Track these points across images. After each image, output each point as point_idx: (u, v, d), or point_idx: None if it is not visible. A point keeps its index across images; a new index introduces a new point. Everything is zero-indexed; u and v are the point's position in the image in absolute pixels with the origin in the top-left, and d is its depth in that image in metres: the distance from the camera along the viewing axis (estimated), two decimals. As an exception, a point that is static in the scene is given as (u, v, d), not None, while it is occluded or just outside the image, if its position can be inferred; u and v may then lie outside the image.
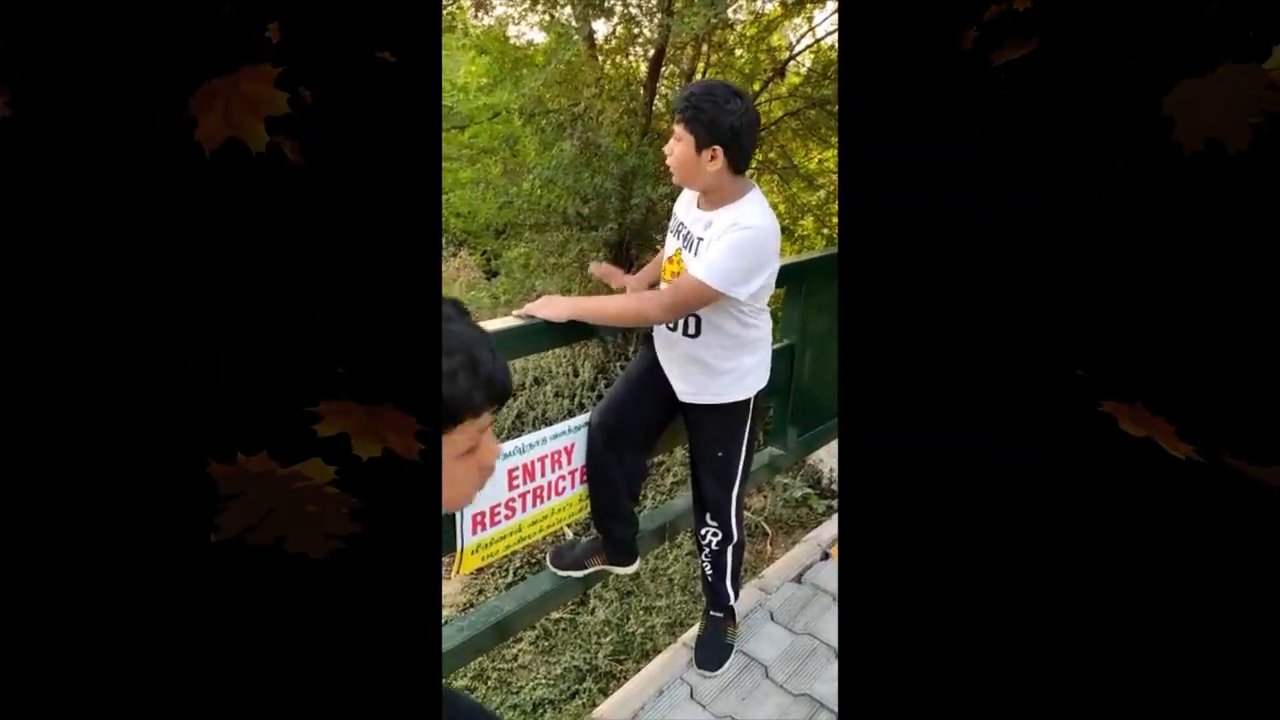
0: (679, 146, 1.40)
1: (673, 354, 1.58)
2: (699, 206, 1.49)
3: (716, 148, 1.36)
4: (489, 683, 2.49)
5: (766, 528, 3.14)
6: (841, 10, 0.64)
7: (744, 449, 1.64)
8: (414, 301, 0.68)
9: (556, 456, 1.61)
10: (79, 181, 0.66)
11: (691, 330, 1.52)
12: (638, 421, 1.66)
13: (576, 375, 4.93)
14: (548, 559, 1.81)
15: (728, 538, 1.74)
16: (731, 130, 1.34)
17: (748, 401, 1.59)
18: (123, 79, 0.65)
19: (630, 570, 1.81)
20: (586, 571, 1.77)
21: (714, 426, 1.61)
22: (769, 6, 5.19)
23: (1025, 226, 0.62)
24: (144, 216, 0.67)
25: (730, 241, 1.37)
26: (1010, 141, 0.64)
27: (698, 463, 1.70)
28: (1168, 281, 0.61)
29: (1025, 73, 0.64)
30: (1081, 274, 0.61)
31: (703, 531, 1.75)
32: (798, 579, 2.16)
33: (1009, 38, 0.65)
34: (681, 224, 1.52)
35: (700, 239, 1.45)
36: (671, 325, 1.54)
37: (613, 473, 1.67)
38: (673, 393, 1.59)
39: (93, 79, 0.65)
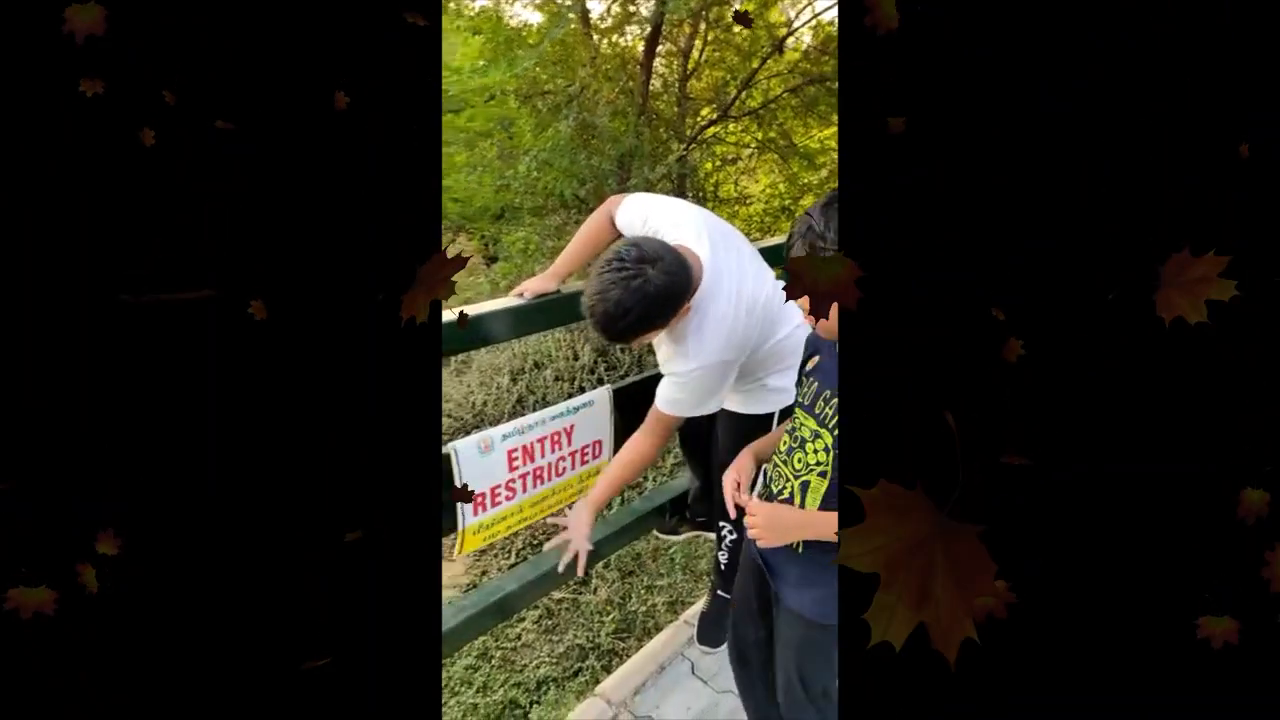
0: None
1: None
2: None
3: None
4: (492, 661, 2.52)
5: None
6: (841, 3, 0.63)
7: None
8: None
9: (556, 438, 1.62)
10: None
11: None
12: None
13: (577, 359, 4.94)
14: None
15: (742, 536, 1.81)
16: None
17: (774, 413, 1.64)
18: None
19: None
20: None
21: (748, 429, 1.62)
22: (766, -17, 5.13)
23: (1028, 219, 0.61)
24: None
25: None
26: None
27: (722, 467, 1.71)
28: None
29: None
30: (1084, 273, 0.60)
31: (721, 526, 1.81)
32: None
33: None
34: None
35: None
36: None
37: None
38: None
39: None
